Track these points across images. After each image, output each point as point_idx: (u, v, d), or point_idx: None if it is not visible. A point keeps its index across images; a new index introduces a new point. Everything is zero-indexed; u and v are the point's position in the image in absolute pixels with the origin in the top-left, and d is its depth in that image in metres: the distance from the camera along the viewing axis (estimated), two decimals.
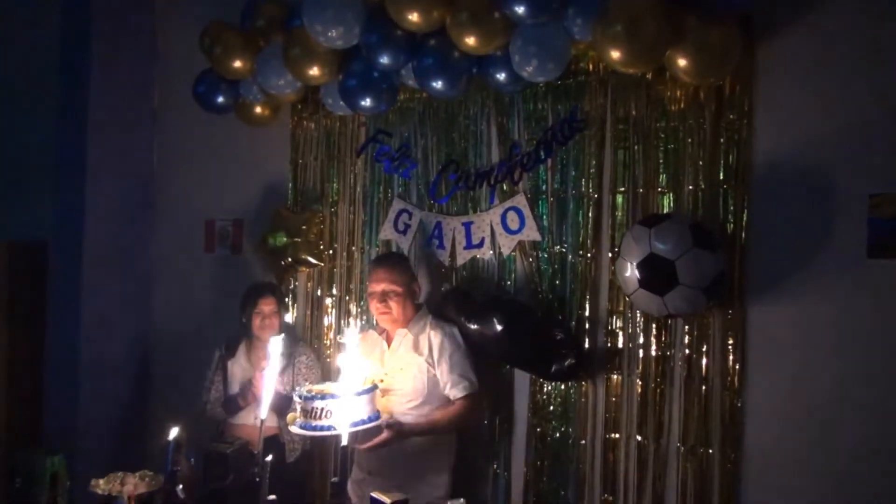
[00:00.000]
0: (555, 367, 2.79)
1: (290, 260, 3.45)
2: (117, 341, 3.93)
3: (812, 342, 2.54)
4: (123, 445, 3.83)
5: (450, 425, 2.79)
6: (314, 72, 3.06)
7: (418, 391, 2.79)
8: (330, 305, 3.52)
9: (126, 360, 3.99)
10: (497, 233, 3.08)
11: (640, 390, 2.78)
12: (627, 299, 2.74)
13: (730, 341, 2.64)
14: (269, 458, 2.15)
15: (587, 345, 2.87)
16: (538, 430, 2.98)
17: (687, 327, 2.71)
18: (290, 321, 3.49)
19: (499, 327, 2.82)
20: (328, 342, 3.52)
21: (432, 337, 2.83)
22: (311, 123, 3.58)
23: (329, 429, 2.41)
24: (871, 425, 2.44)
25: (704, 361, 2.67)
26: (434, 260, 3.23)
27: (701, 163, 2.69)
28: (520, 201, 3.03)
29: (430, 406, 2.79)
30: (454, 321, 2.91)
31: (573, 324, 2.89)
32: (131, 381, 4.01)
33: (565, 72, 2.74)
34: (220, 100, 3.48)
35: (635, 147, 2.81)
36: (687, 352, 2.70)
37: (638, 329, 2.80)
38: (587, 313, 2.89)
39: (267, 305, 3.17)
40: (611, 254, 2.84)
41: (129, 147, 3.98)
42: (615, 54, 2.43)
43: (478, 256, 3.14)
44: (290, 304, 3.57)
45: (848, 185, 2.48)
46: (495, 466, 3.07)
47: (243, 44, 3.29)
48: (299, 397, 2.49)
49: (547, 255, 2.98)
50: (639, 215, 2.76)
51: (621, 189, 2.84)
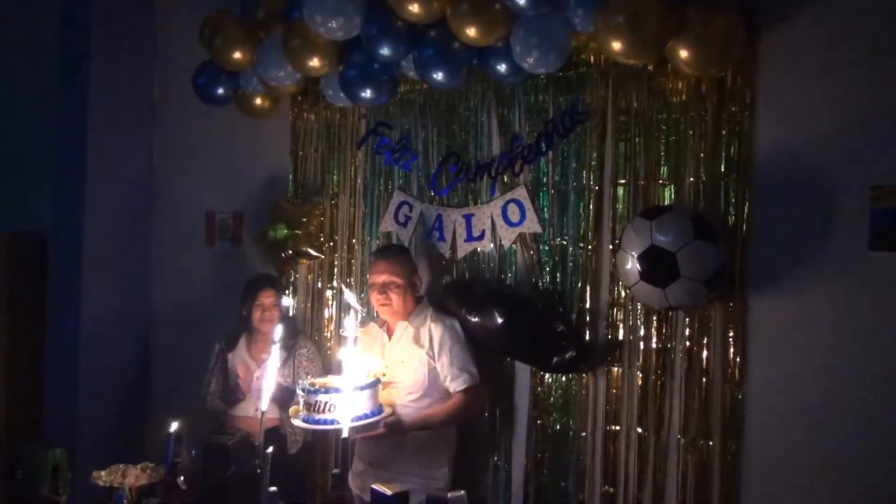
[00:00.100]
0: (556, 359, 2.79)
1: (290, 252, 3.45)
2: (118, 334, 3.93)
3: (813, 334, 2.54)
4: (124, 438, 3.84)
5: (449, 419, 2.79)
6: (314, 63, 3.05)
7: (419, 384, 2.79)
8: (330, 298, 3.53)
9: (127, 354, 4.00)
10: (498, 225, 3.07)
11: (640, 382, 2.78)
12: (628, 292, 2.74)
13: (730, 334, 2.63)
14: (270, 450, 2.15)
15: (588, 337, 2.87)
16: (539, 422, 2.98)
17: (688, 320, 2.70)
18: (289, 303, 3.46)
19: (499, 320, 2.82)
20: (329, 334, 3.52)
21: (433, 329, 2.83)
22: (311, 115, 3.57)
23: (332, 423, 2.41)
24: (871, 418, 2.44)
25: (705, 354, 2.67)
26: (434, 252, 3.23)
27: (702, 155, 2.68)
28: (520, 193, 3.02)
29: (431, 399, 2.79)
30: (455, 314, 2.91)
31: (574, 316, 2.89)
32: (132, 374, 4.02)
33: (566, 63, 2.73)
34: (220, 91, 3.47)
35: (636, 139, 2.80)
36: (688, 344, 2.70)
37: (639, 321, 2.79)
38: (588, 306, 2.88)
39: (267, 298, 3.17)
40: (612, 246, 2.84)
41: (129, 140, 3.98)
42: (617, 45, 2.42)
43: (478, 249, 3.13)
44: (290, 295, 3.57)
45: (849, 177, 2.47)
46: (496, 458, 3.08)
47: (243, 35, 3.28)
48: (302, 391, 2.49)
49: (548, 247, 2.98)
50: (640, 207, 2.75)
51: (622, 181, 2.83)
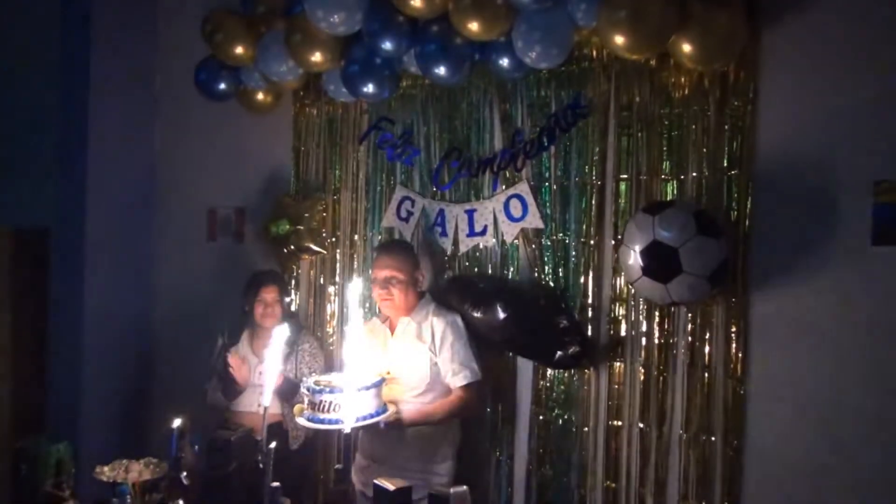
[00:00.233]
0: (559, 354, 2.78)
1: (292, 248, 3.45)
2: (120, 329, 3.93)
3: (815, 330, 2.53)
4: (127, 433, 3.84)
5: (449, 415, 2.79)
6: (316, 58, 3.05)
7: (421, 379, 2.79)
8: (332, 293, 3.53)
9: (129, 348, 4.00)
10: (500, 220, 3.07)
11: (642, 378, 2.78)
12: (630, 287, 2.74)
13: (733, 329, 2.63)
14: (273, 445, 2.16)
15: (590, 333, 2.87)
16: (541, 417, 2.99)
17: (690, 315, 2.70)
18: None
19: (502, 315, 2.82)
20: (331, 330, 3.52)
21: (435, 325, 2.83)
22: (313, 110, 3.56)
23: (336, 422, 2.41)
24: (873, 413, 2.44)
25: (707, 349, 2.67)
26: (436, 248, 3.22)
27: (705, 150, 2.67)
28: (522, 189, 3.02)
29: (434, 394, 2.79)
30: (457, 309, 2.91)
31: (576, 312, 2.89)
32: (134, 369, 4.02)
33: (568, 58, 2.73)
34: (222, 87, 3.47)
35: (639, 134, 2.79)
36: (690, 339, 2.70)
37: (641, 317, 2.79)
38: (590, 301, 2.88)
39: (269, 294, 3.17)
40: (614, 241, 2.83)
41: (130, 136, 3.97)
42: (619, 40, 2.41)
43: (480, 244, 3.13)
44: (292, 291, 3.57)
45: (852, 172, 2.46)
46: (498, 454, 3.08)
47: (244, 30, 3.28)
48: (307, 389, 2.49)
49: (550, 242, 2.97)
50: (642, 203, 2.75)
51: (624, 176, 2.83)
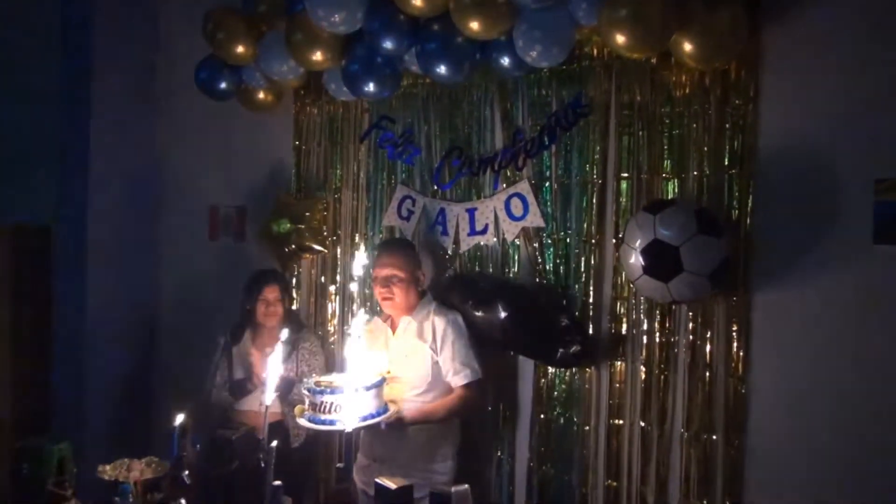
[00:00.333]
0: (560, 353, 2.79)
1: (293, 247, 3.45)
2: (122, 328, 3.94)
3: (817, 328, 2.53)
4: (129, 431, 3.85)
5: (450, 414, 2.79)
6: (317, 57, 3.05)
7: (423, 378, 2.79)
8: (333, 292, 3.53)
9: (131, 348, 4.01)
10: (501, 219, 3.07)
11: (643, 376, 2.78)
12: (631, 286, 2.74)
13: (734, 327, 2.63)
14: (274, 444, 2.16)
15: (591, 331, 2.87)
16: (542, 416, 2.99)
17: (691, 314, 2.70)
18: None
19: (503, 314, 2.82)
20: (332, 329, 3.52)
21: (436, 323, 2.83)
22: (314, 109, 3.56)
23: (337, 423, 2.41)
24: (875, 411, 2.44)
25: (708, 348, 2.67)
26: (437, 246, 3.22)
27: (706, 148, 2.67)
28: (523, 187, 3.01)
29: (435, 393, 2.80)
30: (458, 308, 2.91)
31: (577, 310, 2.89)
32: (137, 368, 4.03)
33: (569, 57, 2.72)
34: (223, 86, 3.47)
35: (640, 133, 2.79)
36: (691, 338, 2.70)
37: (642, 315, 2.79)
38: (591, 300, 2.88)
39: (271, 293, 3.17)
40: (615, 240, 2.83)
41: (132, 132, 3.98)
42: (620, 39, 2.41)
43: (481, 243, 3.13)
44: (293, 290, 3.57)
45: (854, 169, 2.46)
46: (499, 452, 3.08)
47: (245, 29, 3.27)
48: (307, 390, 2.49)
49: (551, 241, 2.97)
50: (643, 201, 2.75)
51: (625, 175, 2.82)
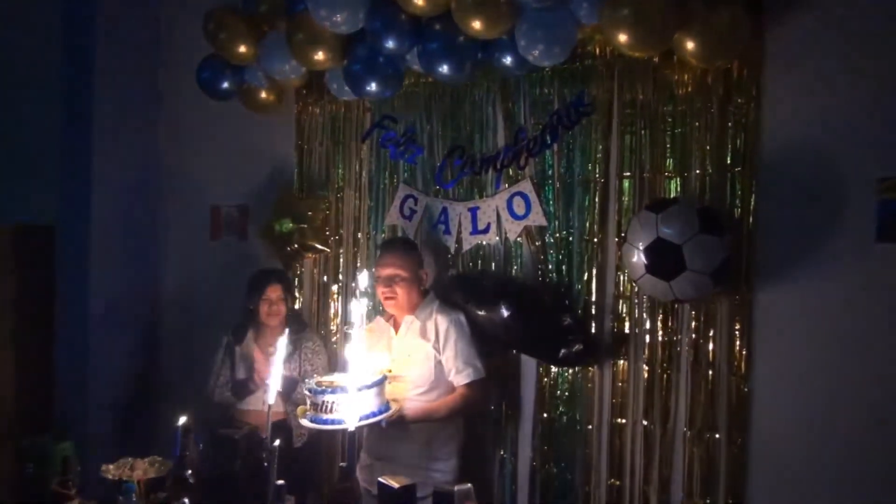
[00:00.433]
0: (563, 352, 2.79)
1: (295, 246, 3.45)
2: (125, 327, 3.94)
3: (820, 327, 2.53)
4: (132, 431, 3.86)
5: (452, 412, 2.79)
6: (319, 57, 3.05)
7: (426, 378, 2.79)
8: (336, 292, 3.53)
9: (134, 347, 4.01)
10: (503, 218, 3.07)
11: (646, 375, 2.78)
12: (634, 284, 2.74)
13: (737, 326, 2.63)
14: (277, 444, 2.16)
15: (594, 330, 2.87)
16: (545, 415, 2.99)
17: (694, 312, 2.70)
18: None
19: (506, 313, 2.82)
20: (335, 328, 3.52)
21: (439, 322, 2.83)
22: (316, 109, 3.57)
23: (338, 422, 2.42)
24: (877, 410, 2.43)
25: (711, 346, 2.67)
26: (440, 246, 3.22)
27: (708, 147, 2.67)
28: (526, 186, 3.01)
29: (438, 392, 2.80)
30: (461, 307, 2.91)
31: (580, 309, 2.89)
32: (139, 367, 4.03)
33: (571, 56, 2.71)
34: (225, 86, 3.47)
35: (642, 131, 2.79)
36: (694, 337, 2.70)
37: (644, 314, 2.79)
38: (594, 299, 2.88)
39: (274, 292, 3.17)
40: (617, 239, 2.83)
41: (134, 134, 3.98)
42: (622, 38, 2.40)
43: (484, 242, 3.13)
44: (296, 290, 3.57)
45: (856, 168, 2.46)
46: (502, 452, 3.08)
47: (247, 29, 3.27)
48: (308, 391, 2.49)
49: (553, 240, 2.97)
50: (645, 200, 2.75)
51: (628, 174, 2.82)
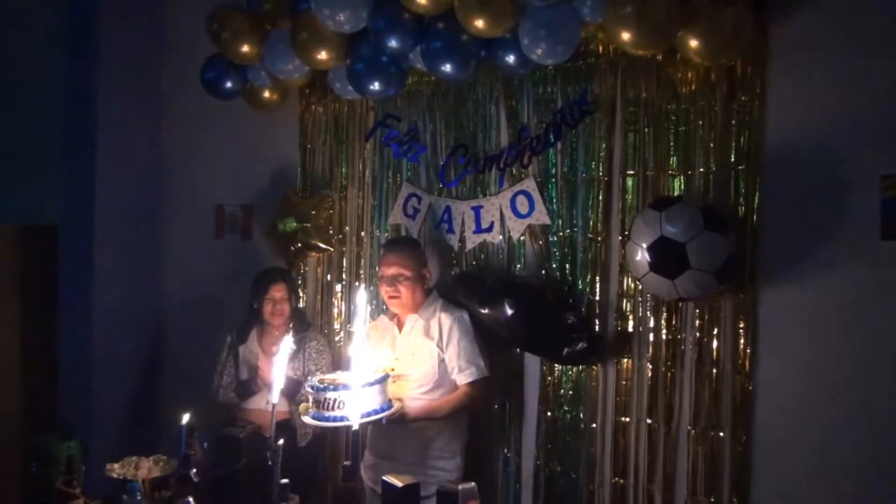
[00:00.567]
0: (566, 350, 2.79)
1: (299, 245, 3.46)
2: (129, 326, 3.95)
3: (824, 325, 2.53)
4: (137, 430, 3.87)
5: (454, 411, 2.78)
6: (322, 56, 3.05)
7: (429, 376, 2.79)
8: (339, 291, 3.53)
9: (138, 345, 4.02)
10: (506, 217, 3.07)
11: (650, 374, 2.78)
12: (638, 283, 2.73)
13: (741, 324, 2.63)
14: (281, 442, 2.16)
15: (598, 329, 2.87)
16: (548, 413, 2.99)
17: (697, 311, 2.70)
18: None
19: (510, 311, 2.82)
20: (338, 327, 3.53)
21: (442, 321, 2.83)
22: (319, 108, 3.57)
23: (341, 419, 2.42)
24: (881, 408, 2.43)
25: (715, 345, 2.67)
26: (443, 244, 3.22)
27: (712, 145, 2.66)
28: (529, 185, 3.01)
29: (442, 390, 2.80)
30: (465, 306, 2.91)
31: (583, 308, 2.88)
32: (144, 366, 4.04)
33: (575, 54, 2.71)
34: (228, 85, 3.47)
35: (646, 129, 2.78)
36: (697, 335, 2.70)
37: (648, 313, 2.79)
38: (597, 297, 2.88)
39: (278, 292, 3.17)
40: (621, 237, 2.83)
41: (138, 133, 3.99)
42: (626, 36, 2.40)
43: (487, 240, 3.13)
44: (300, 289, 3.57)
45: (861, 166, 2.45)
46: (506, 450, 3.09)
47: (250, 28, 3.28)
48: (311, 388, 2.50)
49: (556, 238, 2.97)
50: (649, 198, 2.74)
51: (631, 172, 2.82)
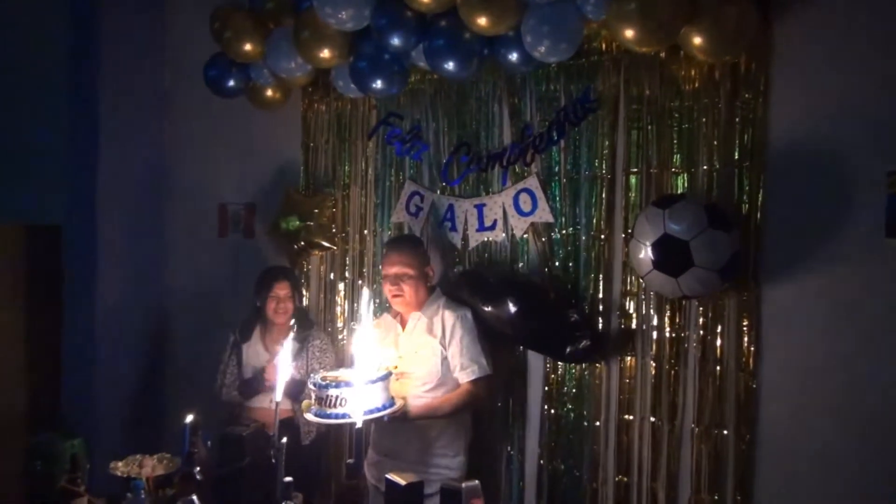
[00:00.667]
0: (569, 348, 2.78)
1: (302, 244, 3.46)
2: (132, 325, 3.96)
3: (828, 323, 2.52)
4: (141, 428, 3.87)
5: (455, 409, 2.78)
6: (324, 54, 3.05)
7: (432, 374, 2.79)
8: (343, 289, 3.53)
9: (142, 344, 4.03)
10: (509, 215, 3.06)
11: (654, 372, 2.77)
12: (641, 281, 2.73)
13: (744, 322, 2.62)
14: (285, 441, 2.17)
15: (601, 327, 2.87)
16: (552, 411, 2.98)
17: (701, 308, 2.69)
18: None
19: (513, 309, 2.82)
20: (342, 325, 3.53)
21: (445, 318, 2.83)
22: (321, 106, 3.57)
23: (343, 416, 2.43)
24: (886, 406, 2.42)
25: (719, 343, 2.66)
26: (446, 242, 3.22)
27: (715, 142, 2.66)
28: (532, 183, 3.01)
29: (445, 388, 2.80)
30: (468, 303, 2.91)
31: (587, 306, 2.88)
32: (147, 364, 4.05)
33: (578, 51, 2.71)
34: (231, 84, 3.48)
35: (649, 127, 2.78)
36: (701, 333, 2.69)
37: (652, 311, 2.78)
38: (601, 295, 2.88)
39: (282, 290, 3.18)
40: (624, 235, 2.82)
41: (140, 132, 3.99)
42: (629, 33, 2.40)
43: (490, 239, 3.13)
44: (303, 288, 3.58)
45: (865, 163, 2.44)
46: (509, 448, 3.09)
47: (253, 27, 3.28)
48: (313, 385, 2.50)
49: (560, 236, 2.97)
50: (652, 196, 2.74)
51: (635, 170, 2.81)
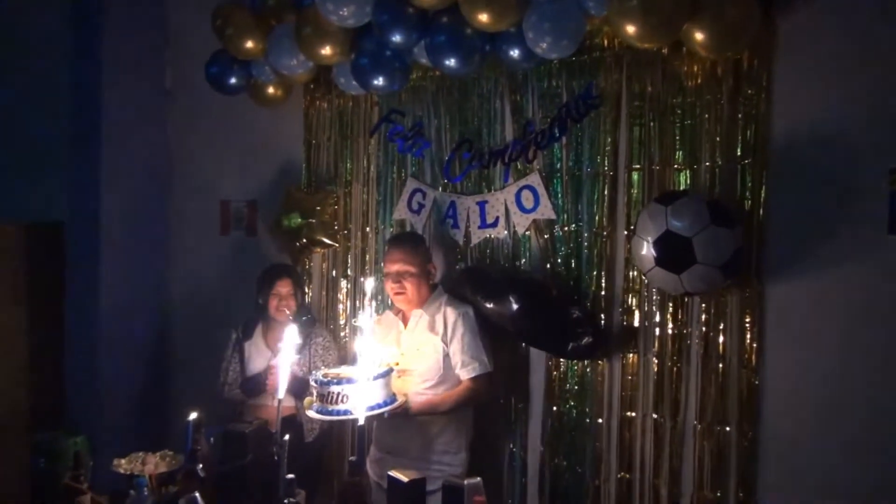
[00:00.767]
0: (572, 345, 2.78)
1: (304, 241, 3.46)
2: (135, 323, 3.97)
3: (830, 319, 2.51)
4: (144, 425, 3.88)
5: (456, 405, 2.79)
6: (326, 51, 3.05)
7: (434, 371, 2.79)
8: (345, 286, 3.53)
9: (144, 341, 4.04)
10: (511, 212, 3.06)
11: (656, 368, 2.77)
12: (644, 277, 2.73)
13: (747, 319, 2.62)
14: (287, 438, 2.17)
15: (603, 323, 2.86)
16: (554, 408, 2.99)
17: (704, 305, 2.69)
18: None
19: (515, 306, 2.81)
20: (343, 322, 3.53)
21: (447, 315, 2.84)
22: (323, 103, 3.57)
23: (345, 413, 2.43)
24: (889, 404, 2.41)
25: (721, 339, 2.66)
26: (448, 240, 3.22)
27: (718, 139, 2.65)
28: (534, 180, 3.01)
29: (447, 385, 2.80)
30: (470, 301, 2.91)
31: (589, 302, 2.88)
32: (150, 362, 4.06)
33: (580, 48, 2.70)
34: (233, 81, 3.48)
35: (651, 123, 2.77)
36: (704, 330, 2.69)
37: (654, 307, 2.78)
38: (603, 292, 2.87)
39: (284, 287, 3.18)
40: (626, 232, 2.82)
41: (143, 128, 3.99)
42: (631, 29, 2.39)
43: (492, 236, 3.13)
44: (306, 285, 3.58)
45: (868, 159, 2.43)
46: (512, 445, 3.09)
47: (254, 24, 3.28)
48: (315, 382, 2.51)
49: (562, 233, 2.96)
50: (655, 193, 2.73)
51: (637, 166, 2.81)
